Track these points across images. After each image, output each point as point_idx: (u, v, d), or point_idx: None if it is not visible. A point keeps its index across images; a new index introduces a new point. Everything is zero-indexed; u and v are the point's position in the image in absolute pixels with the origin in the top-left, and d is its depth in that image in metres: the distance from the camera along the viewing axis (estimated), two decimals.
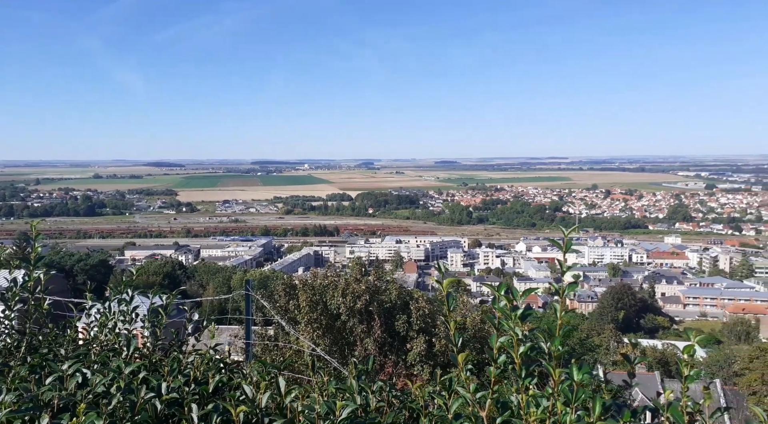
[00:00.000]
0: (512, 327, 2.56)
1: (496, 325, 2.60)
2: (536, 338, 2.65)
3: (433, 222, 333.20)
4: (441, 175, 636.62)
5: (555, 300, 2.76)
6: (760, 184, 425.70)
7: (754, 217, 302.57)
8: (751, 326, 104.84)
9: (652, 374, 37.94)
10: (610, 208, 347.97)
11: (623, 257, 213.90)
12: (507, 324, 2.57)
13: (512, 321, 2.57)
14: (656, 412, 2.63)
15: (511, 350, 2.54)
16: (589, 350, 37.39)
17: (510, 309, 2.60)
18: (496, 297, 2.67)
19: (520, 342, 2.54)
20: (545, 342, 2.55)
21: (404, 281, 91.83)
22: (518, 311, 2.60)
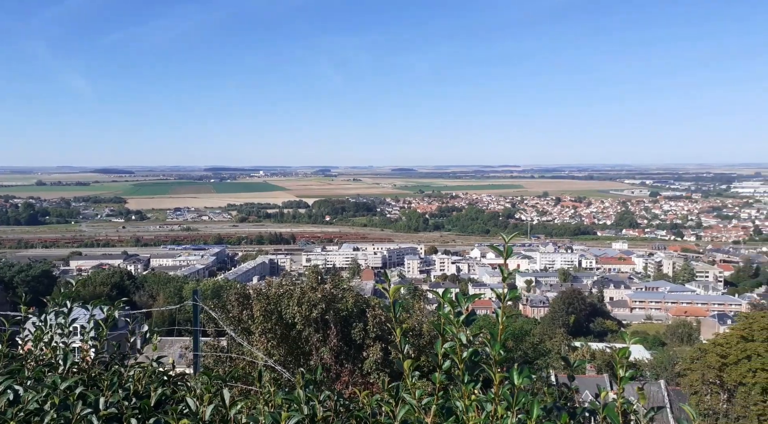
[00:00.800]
0: (455, 333, 2.57)
1: (440, 331, 2.62)
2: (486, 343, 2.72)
3: (391, 229, 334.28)
4: (398, 182, 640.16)
5: (500, 306, 2.84)
6: (700, 192, 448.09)
7: (695, 223, 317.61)
8: (692, 328, 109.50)
9: (602, 376, 39.08)
10: (560, 215, 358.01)
11: (573, 263, 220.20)
12: (450, 330, 2.58)
13: (456, 327, 2.58)
14: (594, 413, 2.73)
15: (454, 355, 2.56)
16: (542, 354, 38.30)
17: (454, 315, 2.61)
18: (440, 303, 2.72)
19: (464, 347, 2.56)
20: (489, 347, 2.59)
21: (361, 289, 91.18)
22: (462, 316, 2.63)
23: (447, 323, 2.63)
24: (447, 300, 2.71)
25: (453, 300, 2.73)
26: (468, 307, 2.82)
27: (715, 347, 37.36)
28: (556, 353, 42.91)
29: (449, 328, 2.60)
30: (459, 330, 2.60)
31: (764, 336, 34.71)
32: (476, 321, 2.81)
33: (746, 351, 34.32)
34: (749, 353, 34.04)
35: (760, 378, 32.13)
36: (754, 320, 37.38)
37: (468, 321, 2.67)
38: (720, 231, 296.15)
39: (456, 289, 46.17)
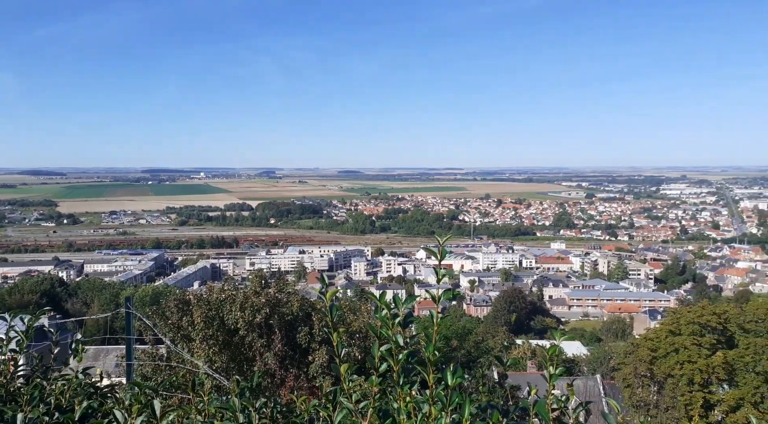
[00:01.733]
0: (391, 335, 2.58)
1: (377, 334, 2.63)
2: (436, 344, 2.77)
3: (337, 232, 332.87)
4: (344, 184, 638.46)
5: (444, 308, 2.89)
6: (632, 194, 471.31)
7: (627, 223, 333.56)
8: (626, 324, 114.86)
9: (542, 373, 40.26)
10: (501, 216, 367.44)
11: (514, 263, 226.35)
12: (386, 333, 2.59)
13: (391, 329, 2.60)
14: (526, 411, 2.82)
15: (389, 358, 2.57)
16: (484, 352, 39.17)
17: (390, 318, 2.63)
18: (377, 307, 2.73)
19: (400, 350, 2.57)
20: (425, 348, 2.61)
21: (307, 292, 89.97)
22: (398, 319, 2.65)
23: (383, 326, 2.64)
24: (383, 303, 2.72)
25: (389, 303, 2.75)
26: (412, 307, 2.85)
27: (646, 341, 39.31)
28: (498, 350, 44.02)
29: (384, 331, 2.62)
30: (395, 332, 2.61)
31: (690, 330, 36.83)
32: (414, 322, 2.84)
33: (674, 345, 36.28)
34: (677, 346, 36.00)
35: (687, 370, 34.06)
36: (681, 315, 39.59)
37: (405, 323, 2.69)
38: (650, 231, 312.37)
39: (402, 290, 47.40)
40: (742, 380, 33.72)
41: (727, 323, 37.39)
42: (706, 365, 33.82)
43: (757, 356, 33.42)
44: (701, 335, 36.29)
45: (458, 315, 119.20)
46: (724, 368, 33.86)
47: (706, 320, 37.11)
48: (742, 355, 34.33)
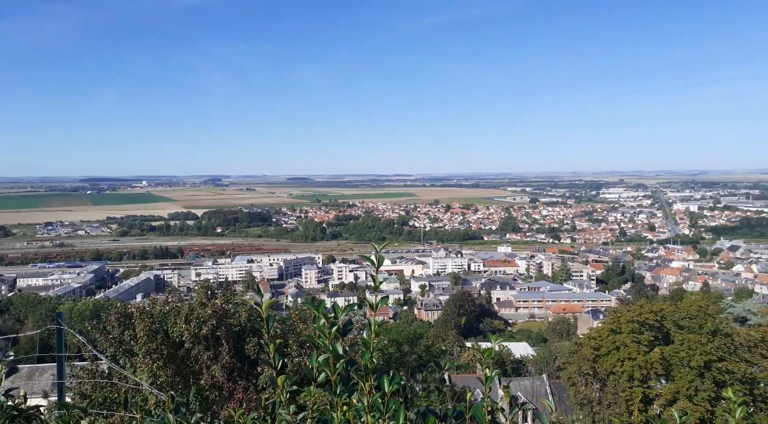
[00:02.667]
0: (327, 345, 2.58)
1: (314, 344, 2.64)
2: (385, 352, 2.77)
3: (287, 239, 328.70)
4: (294, 191, 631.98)
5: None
6: (573, 198, 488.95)
7: (570, 226, 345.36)
8: (570, 324, 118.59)
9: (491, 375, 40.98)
10: (450, 221, 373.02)
11: (463, 267, 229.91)
12: (322, 342, 2.60)
13: (328, 339, 2.60)
14: (462, 414, 2.87)
15: (326, 368, 2.56)
16: (435, 356, 39.59)
17: (328, 326, 2.63)
18: (315, 316, 2.73)
19: (338, 359, 2.57)
20: (362, 356, 2.63)
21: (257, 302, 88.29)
22: (334, 327, 2.66)
23: (320, 336, 2.64)
24: (320, 312, 2.71)
25: (326, 312, 2.75)
26: (352, 315, 2.86)
27: (589, 340, 40.70)
28: (448, 354, 44.53)
29: (321, 340, 2.62)
30: (331, 342, 2.62)
31: (630, 328, 38.38)
32: (363, 330, 2.85)
33: (615, 342, 37.72)
34: (618, 344, 37.45)
35: (627, 367, 35.48)
36: (621, 314, 41.23)
37: (345, 331, 2.70)
38: (591, 233, 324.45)
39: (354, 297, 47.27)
40: (678, 375, 35.43)
41: (664, 320, 39.22)
42: (645, 362, 35.30)
43: (691, 352, 35.20)
44: (640, 333, 37.87)
45: (409, 320, 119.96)
46: (661, 364, 35.47)
47: (645, 318, 38.78)
48: (678, 350, 36.08)
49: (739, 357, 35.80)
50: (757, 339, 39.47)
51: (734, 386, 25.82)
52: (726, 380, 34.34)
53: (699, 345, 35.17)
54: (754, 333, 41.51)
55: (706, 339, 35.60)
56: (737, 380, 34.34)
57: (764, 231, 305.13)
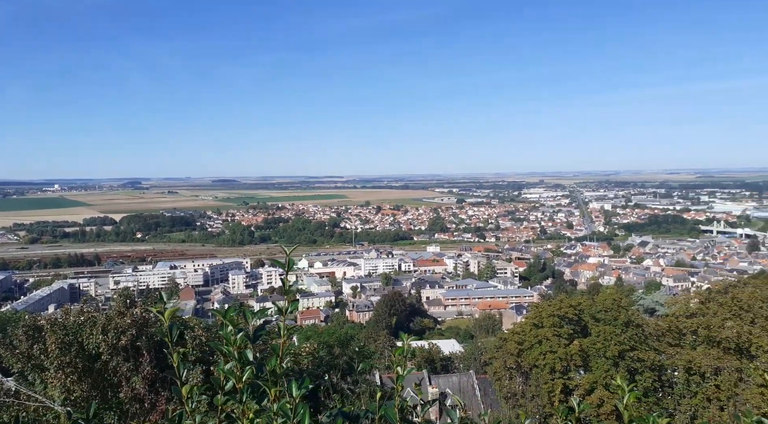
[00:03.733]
0: (233, 353, 2.57)
1: (221, 351, 2.63)
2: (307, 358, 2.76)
3: (213, 244, 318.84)
4: (220, 194, 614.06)
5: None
6: (497, 198, 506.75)
7: (494, 226, 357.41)
8: (496, 320, 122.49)
9: (421, 372, 41.73)
10: (381, 222, 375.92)
11: (394, 267, 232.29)
12: (227, 350, 2.58)
13: (233, 346, 2.59)
14: (373, 414, 2.92)
15: (231, 376, 2.55)
16: (366, 357, 39.76)
17: (235, 333, 2.61)
18: (222, 323, 2.70)
19: (245, 366, 2.56)
20: (269, 362, 2.61)
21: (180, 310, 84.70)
22: (240, 334, 2.64)
23: (225, 343, 2.61)
24: (228, 319, 2.68)
25: (234, 318, 2.72)
26: (255, 321, 2.83)
27: (513, 335, 42.32)
28: (379, 354, 44.86)
29: (226, 348, 2.60)
30: (236, 349, 2.59)
31: (551, 322, 40.24)
32: (295, 334, 2.83)
33: (538, 336, 39.44)
34: (540, 338, 39.17)
35: (549, 359, 37.20)
36: (543, 309, 43.18)
37: (255, 337, 2.67)
38: (514, 232, 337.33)
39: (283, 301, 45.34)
40: (595, 365, 37.55)
41: (582, 313, 41.44)
42: (565, 354, 37.15)
43: (607, 342, 37.43)
44: (560, 327, 39.81)
45: (341, 322, 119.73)
46: (580, 355, 37.46)
47: (564, 312, 40.80)
48: (594, 342, 38.25)
49: (648, 346, 38.48)
50: (664, 329, 42.57)
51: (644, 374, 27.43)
52: (638, 368, 36.81)
53: (613, 336, 37.47)
54: (662, 323, 44.75)
55: (619, 330, 38.01)
56: (648, 367, 36.89)
57: (670, 227, 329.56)
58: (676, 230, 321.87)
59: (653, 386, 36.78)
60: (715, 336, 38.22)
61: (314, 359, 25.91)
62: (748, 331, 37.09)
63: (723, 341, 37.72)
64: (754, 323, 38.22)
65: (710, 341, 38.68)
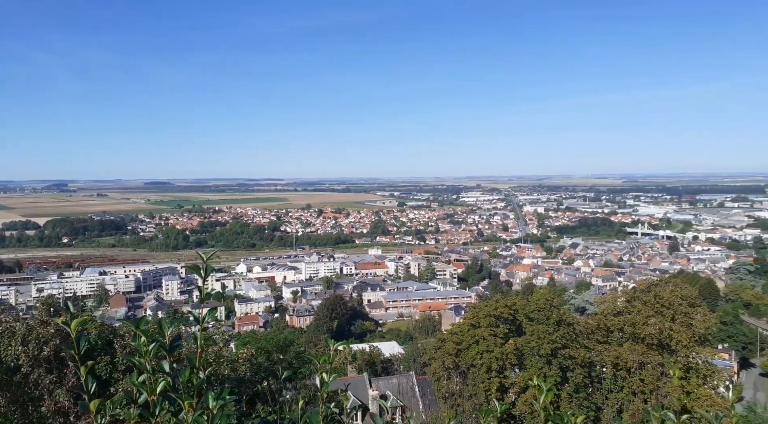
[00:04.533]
0: (144, 364, 2.53)
1: (135, 364, 2.58)
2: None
3: (145, 249, 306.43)
4: (153, 197, 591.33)
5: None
6: (437, 202, 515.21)
7: (434, 228, 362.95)
8: (435, 321, 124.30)
9: (362, 376, 41.72)
10: (323, 225, 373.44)
11: (336, 270, 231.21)
12: (139, 361, 2.54)
13: (144, 357, 2.54)
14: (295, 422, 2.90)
15: (143, 388, 2.51)
16: (306, 362, 39.35)
17: (147, 343, 2.56)
18: (136, 335, 2.60)
19: (160, 377, 2.52)
20: (182, 374, 2.57)
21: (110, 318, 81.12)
22: (152, 345, 2.59)
23: (137, 355, 2.56)
24: (139, 329, 2.60)
25: (147, 330, 2.63)
26: (177, 329, 2.77)
27: (451, 336, 43.13)
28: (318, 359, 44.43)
29: (138, 360, 2.54)
30: (148, 361, 2.53)
31: (488, 322, 41.31)
32: (180, 346, 2.73)
33: (475, 336, 40.36)
34: (477, 338, 40.10)
35: (485, 359, 38.16)
36: (480, 309, 44.25)
37: (172, 347, 2.60)
38: (453, 234, 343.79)
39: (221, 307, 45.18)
40: (529, 363, 38.86)
41: (516, 313, 42.79)
42: (500, 353, 38.22)
43: (540, 341, 38.81)
44: (496, 326, 40.94)
45: (281, 327, 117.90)
46: (515, 354, 38.65)
47: (500, 312, 42.00)
48: (528, 341, 39.57)
49: (579, 344, 40.22)
50: (593, 327, 44.65)
51: (575, 370, 28.56)
52: (569, 365, 38.40)
53: (546, 335, 38.91)
54: (591, 321, 46.92)
55: (552, 329, 39.52)
56: (578, 364, 38.56)
57: (599, 229, 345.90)
58: (604, 232, 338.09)
59: (584, 383, 38.45)
60: (639, 333, 40.49)
61: (252, 365, 25.39)
62: (669, 327, 39.54)
63: (647, 338, 40.02)
64: (675, 319, 40.78)
65: (635, 338, 40.93)
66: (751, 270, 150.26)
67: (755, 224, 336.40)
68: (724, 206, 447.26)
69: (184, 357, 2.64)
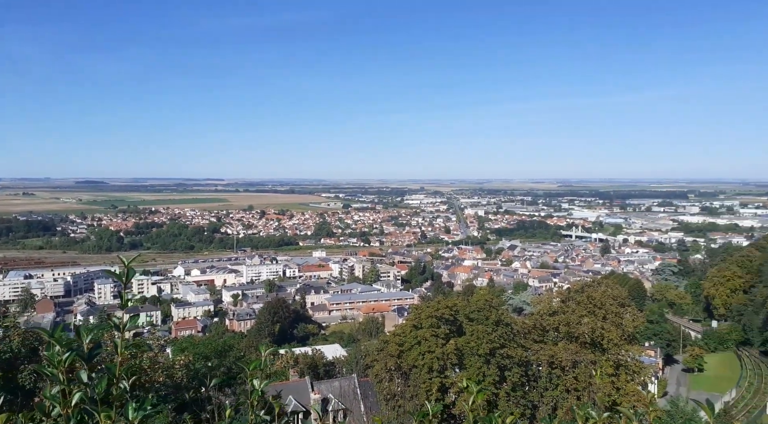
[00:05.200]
0: (57, 375, 2.45)
1: (47, 375, 2.50)
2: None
3: (76, 251, 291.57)
4: (85, 197, 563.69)
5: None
6: (381, 204, 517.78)
7: (379, 230, 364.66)
8: (379, 323, 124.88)
9: (304, 379, 41.30)
10: (265, 227, 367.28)
11: (278, 273, 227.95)
12: (51, 372, 2.46)
13: (58, 368, 2.47)
14: None
15: (56, 402, 2.44)
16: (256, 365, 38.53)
17: (61, 352, 2.49)
18: (49, 344, 2.49)
19: (75, 389, 2.45)
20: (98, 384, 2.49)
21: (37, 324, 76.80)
22: (67, 355, 2.50)
23: (50, 365, 2.48)
24: (54, 338, 2.50)
25: (60, 338, 2.51)
26: (100, 337, 2.67)
27: (394, 337, 43.39)
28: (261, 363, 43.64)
29: (50, 370, 2.46)
30: (62, 370, 2.46)
31: (429, 323, 41.83)
32: (99, 354, 2.61)
33: (417, 338, 40.77)
34: (419, 338, 40.53)
35: (427, 359, 38.63)
36: (422, 311, 44.75)
37: (90, 356, 2.51)
38: (397, 236, 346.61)
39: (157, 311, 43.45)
40: (469, 363, 39.65)
41: (457, 314, 43.56)
42: (442, 353, 38.78)
43: (479, 341, 39.68)
44: (438, 327, 41.50)
45: (220, 332, 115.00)
46: (455, 354, 39.33)
47: (441, 313, 42.61)
48: (468, 341, 40.38)
49: (516, 343, 41.42)
50: (530, 326, 46.14)
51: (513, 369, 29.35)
52: (507, 364, 39.47)
53: (485, 335, 39.83)
54: (528, 321, 48.49)
55: (491, 329, 40.49)
56: (516, 363, 39.71)
57: (536, 232, 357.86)
58: (540, 235, 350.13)
59: (520, 381, 39.63)
60: (573, 332, 42.21)
61: (189, 371, 24.67)
62: (601, 326, 41.42)
63: (580, 336, 41.77)
64: (606, 318, 42.76)
65: (569, 337, 42.64)
66: (675, 271, 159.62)
67: (679, 227, 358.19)
68: (651, 210, 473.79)
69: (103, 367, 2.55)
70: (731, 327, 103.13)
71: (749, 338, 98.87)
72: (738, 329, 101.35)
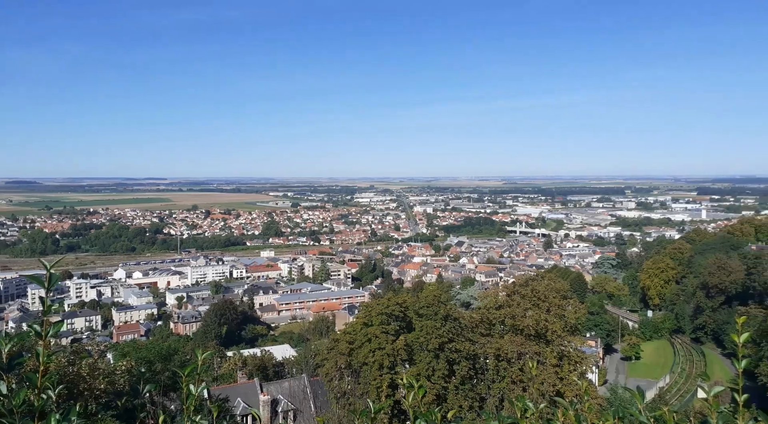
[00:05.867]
0: None
1: None
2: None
3: (7, 254, 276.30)
4: (16, 197, 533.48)
5: (39, 344, 2.51)
6: (331, 202, 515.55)
7: (329, 229, 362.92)
8: (329, 322, 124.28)
9: (252, 381, 40.61)
10: (210, 227, 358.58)
11: (225, 274, 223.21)
12: None
13: None
14: None
15: None
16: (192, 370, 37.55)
17: None
18: None
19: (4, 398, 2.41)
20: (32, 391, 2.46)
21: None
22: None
23: None
24: None
25: None
26: (20, 345, 2.54)
27: (344, 335, 43.29)
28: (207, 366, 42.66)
29: None
30: None
31: (380, 320, 41.99)
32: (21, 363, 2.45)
33: (367, 335, 40.83)
34: (369, 336, 40.61)
35: (377, 356, 38.75)
36: (372, 308, 44.86)
37: (11, 365, 2.47)
38: (347, 235, 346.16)
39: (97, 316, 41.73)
40: (419, 358, 40.07)
41: (407, 310, 43.91)
42: (392, 350, 39.00)
43: (428, 336, 40.16)
44: (388, 324, 41.73)
45: (164, 335, 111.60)
46: (405, 350, 39.64)
47: (391, 309, 42.86)
48: (418, 336, 40.80)
49: (465, 337, 42.17)
50: (477, 320, 47.06)
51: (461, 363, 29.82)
52: (455, 358, 40.14)
53: (434, 330, 40.36)
54: (475, 315, 49.43)
55: (440, 324, 41.05)
56: (464, 357, 40.43)
57: (482, 228, 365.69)
58: (487, 231, 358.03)
59: (469, 374, 40.38)
60: (518, 325, 43.34)
61: (132, 376, 23.77)
62: (545, 318, 42.71)
63: (525, 329, 42.92)
64: (549, 311, 44.14)
65: (515, 330, 43.76)
66: (613, 264, 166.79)
67: (617, 222, 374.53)
68: (591, 206, 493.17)
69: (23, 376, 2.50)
70: (665, 316, 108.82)
71: (681, 326, 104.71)
72: (671, 317, 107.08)
